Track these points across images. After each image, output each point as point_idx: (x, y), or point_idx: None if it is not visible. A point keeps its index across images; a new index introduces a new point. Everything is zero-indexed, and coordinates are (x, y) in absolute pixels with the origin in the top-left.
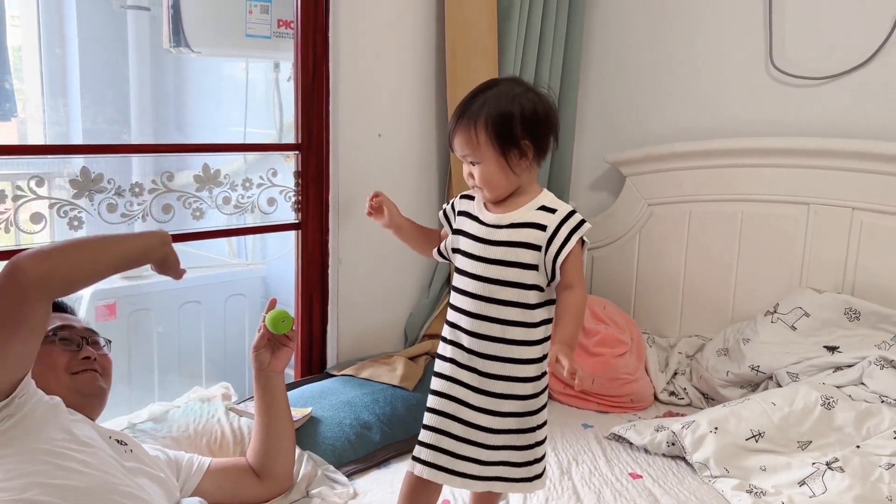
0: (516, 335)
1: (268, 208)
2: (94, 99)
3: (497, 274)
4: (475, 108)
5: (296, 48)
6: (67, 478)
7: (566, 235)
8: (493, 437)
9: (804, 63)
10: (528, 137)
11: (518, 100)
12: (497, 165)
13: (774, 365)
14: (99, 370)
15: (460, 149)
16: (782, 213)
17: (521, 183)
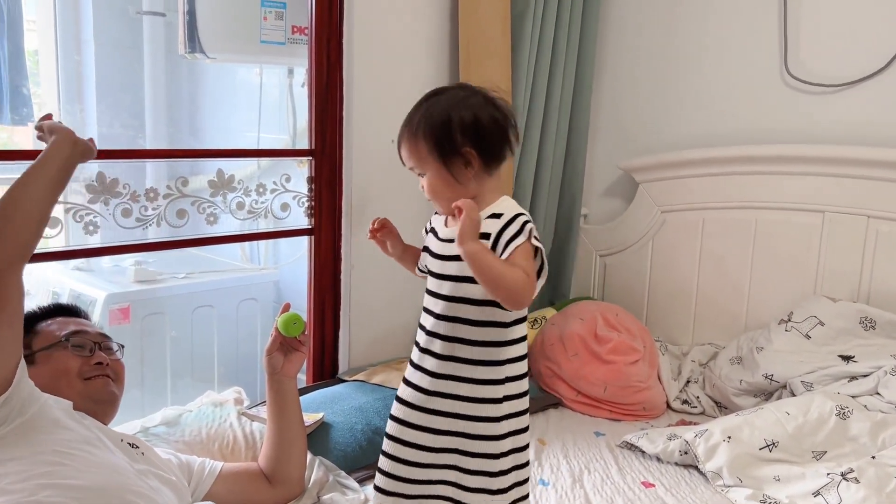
0: (474, 355)
1: (281, 213)
2: (109, 104)
3: (453, 291)
4: (417, 118)
5: (310, 54)
6: (79, 477)
7: (509, 238)
8: (436, 456)
9: (819, 70)
10: (471, 145)
11: (459, 106)
12: (440, 176)
13: (788, 374)
14: (111, 375)
15: (407, 161)
16: (797, 221)
17: (475, 193)
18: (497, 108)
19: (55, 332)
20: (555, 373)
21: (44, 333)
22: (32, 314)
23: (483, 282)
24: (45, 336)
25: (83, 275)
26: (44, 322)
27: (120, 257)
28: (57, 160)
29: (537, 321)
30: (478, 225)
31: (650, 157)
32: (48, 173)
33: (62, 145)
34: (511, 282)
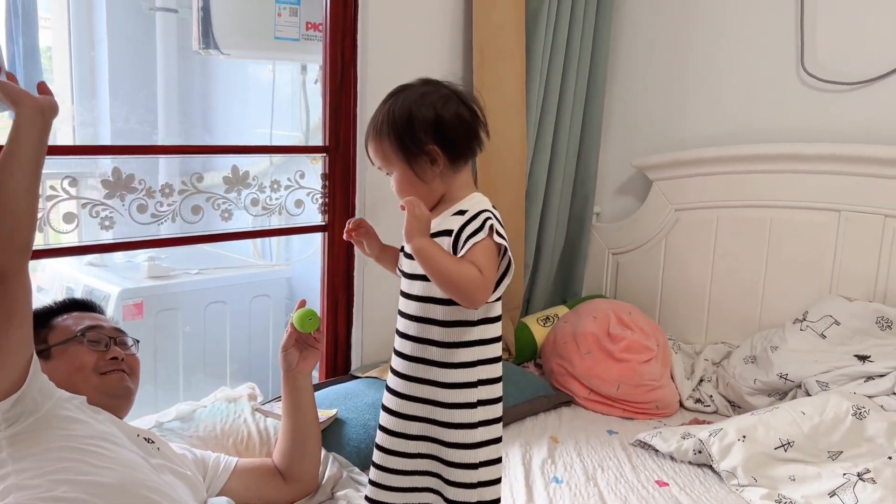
0: (435, 356)
1: (295, 210)
2: (122, 100)
3: (423, 291)
4: (380, 117)
5: (324, 51)
6: (96, 473)
7: (469, 233)
8: (415, 463)
9: (836, 68)
10: (434, 142)
11: (421, 103)
12: (405, 175)
13: (803, 373)
14: (127, 370)
15: (374, 160)
16: (812, 221)
17: (443, 191)
18: (463, 102)
19: (71, 327)
20: (567, 371)
21: (59, 328)
22: (48, 309)
23: (433, 279)
24: (61, 331)
25: (97, 270)
26: (59, 317)
27: (133, 253)
28: (32, 139)
29: (549, 319)
30: (424, 222)
31: (664, 156)
32: (28, 157)
33: (33, 119)
34: (460, 278)
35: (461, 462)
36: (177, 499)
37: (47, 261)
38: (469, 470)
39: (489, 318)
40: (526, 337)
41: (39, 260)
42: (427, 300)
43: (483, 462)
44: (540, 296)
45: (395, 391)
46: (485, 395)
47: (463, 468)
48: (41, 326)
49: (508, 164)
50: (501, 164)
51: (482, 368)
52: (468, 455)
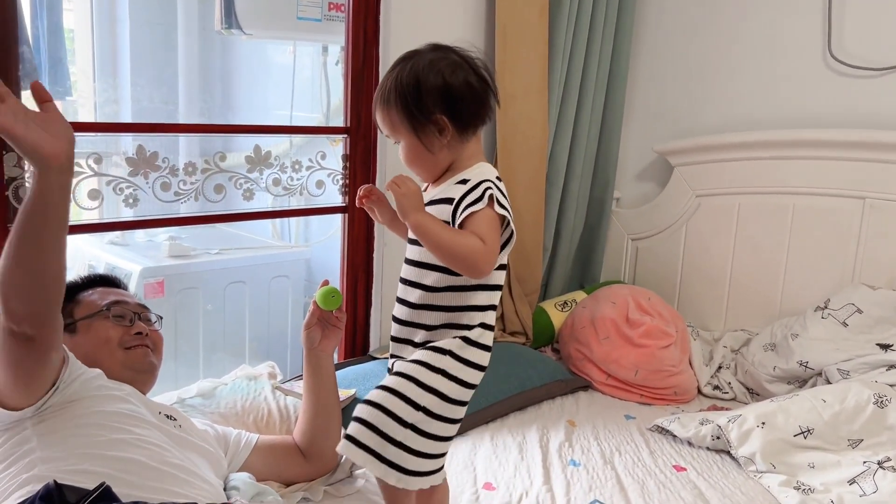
0: (438, 321)
1: (316, 191)
2: (144, 80)
3: (419, 255)
4: (388, 84)
5: (346, 32)
6: (122, 450)
7: (469, 202)
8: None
9: (863, 53)
10: (442, 111)
11: (429, 70)
12: (412, 144)
13: (824, 361)
14: (151, 346)
15: (381, 128)
16: (837, 208)
17: (451, 160)
18: (473, 70)
19: (96, 302)
20: (585, 356)
21: (85, 303)
22: (74, 284)
23: (435, 253)
24: (87, 305)
25: (118, 249)
26: (85, 292)
27: (153, 232)
28: (62, 202)
29: (567, 304)
30: (413, 196)
31: (686, 141)
32: (57, 223)
33: (60, 183)
34: (462, 249)
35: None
36: (200, 474)
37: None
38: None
39: (485, 286)
40: (543, 321)
41: None
42: (420, 265)
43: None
44: (558, 280)
45: (393, 355)
46: (468, 354)
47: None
48: (68, 301)
49: (529, 147)
50: (522, 146)
51: (476, 331)
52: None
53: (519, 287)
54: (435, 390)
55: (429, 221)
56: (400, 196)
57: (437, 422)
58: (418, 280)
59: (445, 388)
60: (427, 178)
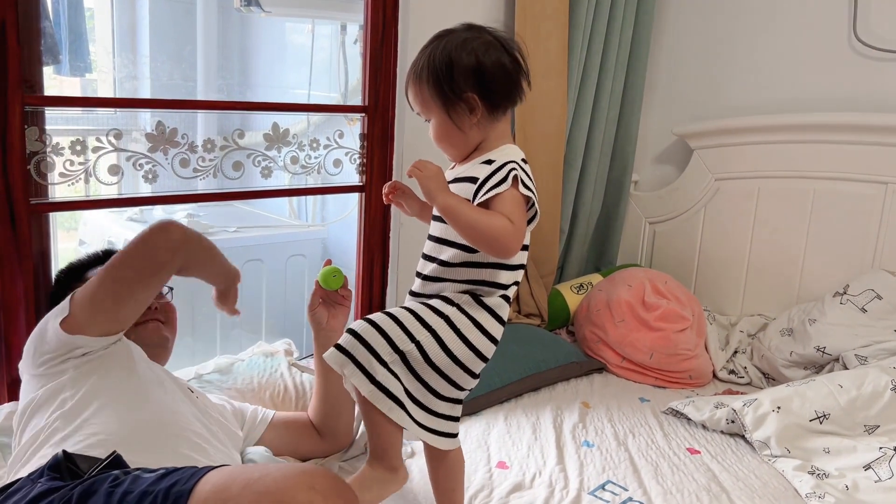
0: (457, 297)
1: (333, 169)
2: (163, 57)
3: (441, 232)
4: (421, 61)
5: (366, 10)
6: (139, 409)
7: (494, 184)
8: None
9: (889, 36)
10: (473, 90)
11: (462, 49)
12: (443, 122)
13: (842, 347)
14: (162, 319)
15: (413, 106)
16: (858, 192)
17: (480, 140)
18: (506, 50)
19: None
20: (600, 338)
21: None
22: (83, 262)
23: (463, 234)
24: None
25: (137, 226)
26: (94, 269)
27: (172, 209)
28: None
29: (583, 286)
30: (436, 178)
31: (707, 123)
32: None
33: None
34: (490, 229)
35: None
36: (218, 446)
37: (90, 215)
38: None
39: (506, 265)
40: (559, 304)
41: (82, 212)
42: (440, 241)
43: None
44: (574, 263)
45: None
46: (474, 312)
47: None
48: (76, 280)
49: (548, 127)
50: (541, 126)
51: (490, 312)
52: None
53: (535, 269)
54: (433, 331)
55: (456, 202)
56: (424, 179)
57: (431, 369)
58: (435, 255)
59: (444, 335)
60: (455, 157)
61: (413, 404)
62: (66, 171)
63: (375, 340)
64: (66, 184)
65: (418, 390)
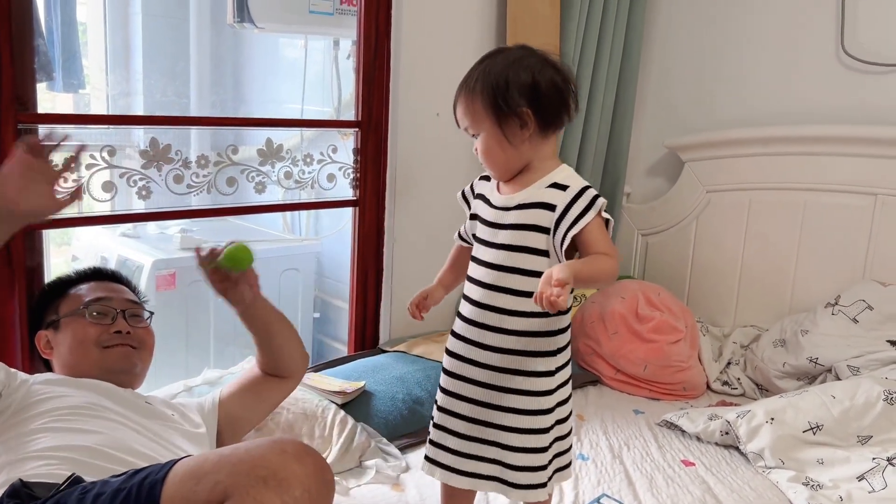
0: (518, 325)
1: (327, 184)
2: (156, 73)
3: (504, 260)
4: (475, 75)
5: (358, 26)
6: (71, 439)
7: (578, 213)
8: (489, 432)
9: (877, 49)
10: (528, 105)
11: (518, 66)
12: (494, 136)
13: (834, 357)
14: (135, 344)
15: (461, 120)
16: (848, 204)
17: (529, 158)
18: (558, 71)
19: (81, 298)
20: (594, 350)
21: (71, 298)
22: (67, 278)
23: (584, 286)
24: (71, 301)
25: (131, 241)
26: (76, 287)
27: (165, 225)
28: None
29: (577, 299)
30: (563, 271)
31: (697, 136)
32: None
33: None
34: (606, 274)
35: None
36: (174, 450)
37: (83, 231)
38: (537, 435)
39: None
40: None
41: (74, 230)
42: (508, 269)
43: (553, 424)
44: None
45: (463, 357)
46: (562, 360)
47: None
48: (57, 296)
49: None
50: None
51: (562, 336)
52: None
53: None
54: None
55: (580, 269)
56: (556, 282)
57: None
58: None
59: None
60: (501, 174)
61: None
62: (60, 188)
63: None
64: None
65: None
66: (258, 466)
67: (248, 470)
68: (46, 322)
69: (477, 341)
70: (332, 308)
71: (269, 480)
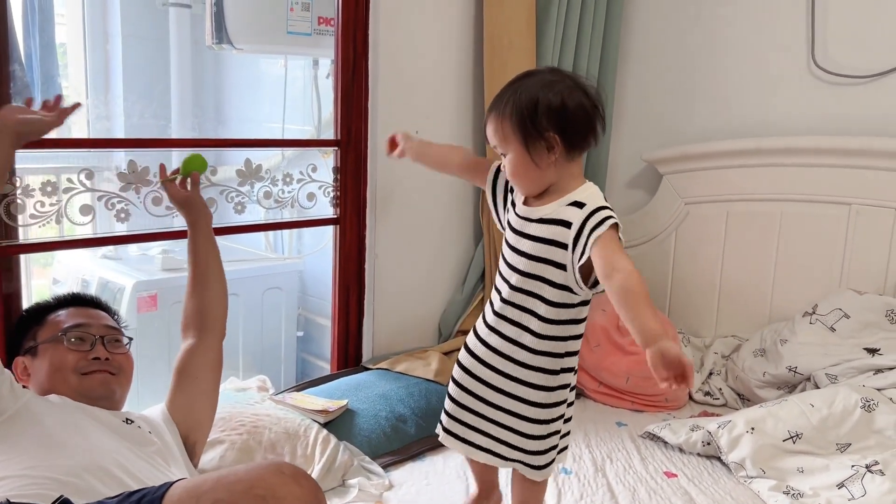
0: (542, 329)
1: (307, 203)
2: (136, 95)
3: (527, 268)
4: (506, 97)
5: (336, 45)
6: (55, 458)
7: (592, 227)
8: (499, 415)
9: (847, 61)
10: (555, 130)
11: (548, 90)
12: (521, 157)
13: (813, 366)
14: (113, 370)
15: (491, 138)
16: (823, 214)
17: (554, 178)
18: (587, 94)
19: (59, 324)
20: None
21: (49, 325)
22: (45, 305)
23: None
24: (50, 328)
25: (112, 263)
26: (55, 313)
27: (147, 246)
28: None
29: None
30: (662, 344)
31: (674, 149)
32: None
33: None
34: (638, 289)
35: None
36: (156, 472)
37: (63, 254)
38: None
39: (587, 301)
40: None
41: (55, 252)
42: (532, 277)
43: (557, 418)
44: None
45: (487, 343)
46: (568, 364)
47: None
48: (35, 323)
49: None
50: None
51: (572, 342)
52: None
53: None
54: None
55: (649, 325)
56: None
57: None
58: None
59: None
60: (528, 191)
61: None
62: (37, 212)
63: None
64: (37, 225)
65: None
66: (256, 486)
67: (246, 489)
68: (24, 348)
69: (495, 329)
70: (315, 326)
71: (267, 499)
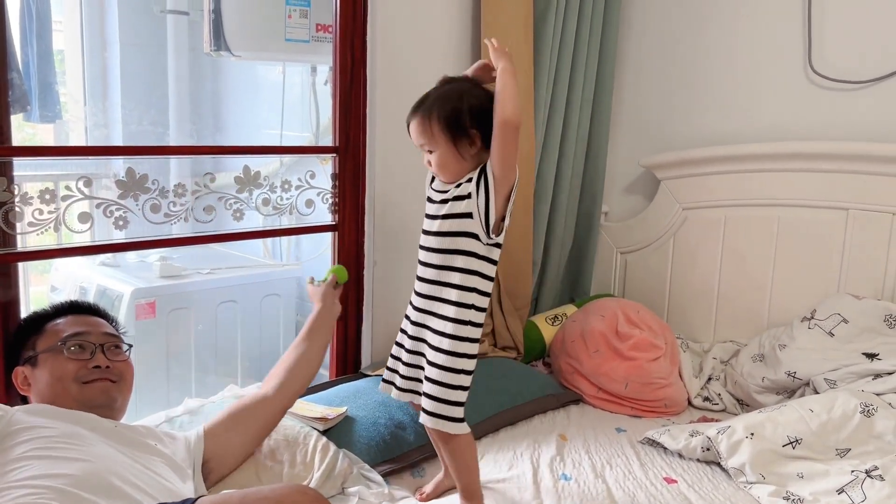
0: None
1: (305, 210)
2: (134, 102)
3: (440, 227)
4: (429, 102)
5: (334, 52)
6: (57, 468)
7: (476, 178)
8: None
9: (843, 66)
10: (476, 127)
11: (469, 94)
12: (449, 152)
13: (812, 371)
14: (114, 378)
15: (416, 138)
16: (820, 219)
17: (472, 168)
18: (490, 98)
19: (59, 333)
20: (576, 369)
21: (48, 334)
22: (44, 313)
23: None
24: (49, 337)
25: (110, 270)
26: (53, 321)
27: (145, 253)
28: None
29: (558, 318)
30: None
31: (672, 154)
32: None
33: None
34: (515, 96)
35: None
36: (146, 487)
37: (62, 261)
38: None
39: (490, 258)
40: (534, 336)
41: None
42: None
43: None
44: (548, 295)
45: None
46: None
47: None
48: (34, 332)
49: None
50: None
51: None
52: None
53: (509, 302)
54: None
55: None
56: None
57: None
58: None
59: None
60: (450, 180)
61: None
62: (36, 220)
63: None
64: (36, 233)
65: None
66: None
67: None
68: (24, 358)
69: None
70: None
71: None
